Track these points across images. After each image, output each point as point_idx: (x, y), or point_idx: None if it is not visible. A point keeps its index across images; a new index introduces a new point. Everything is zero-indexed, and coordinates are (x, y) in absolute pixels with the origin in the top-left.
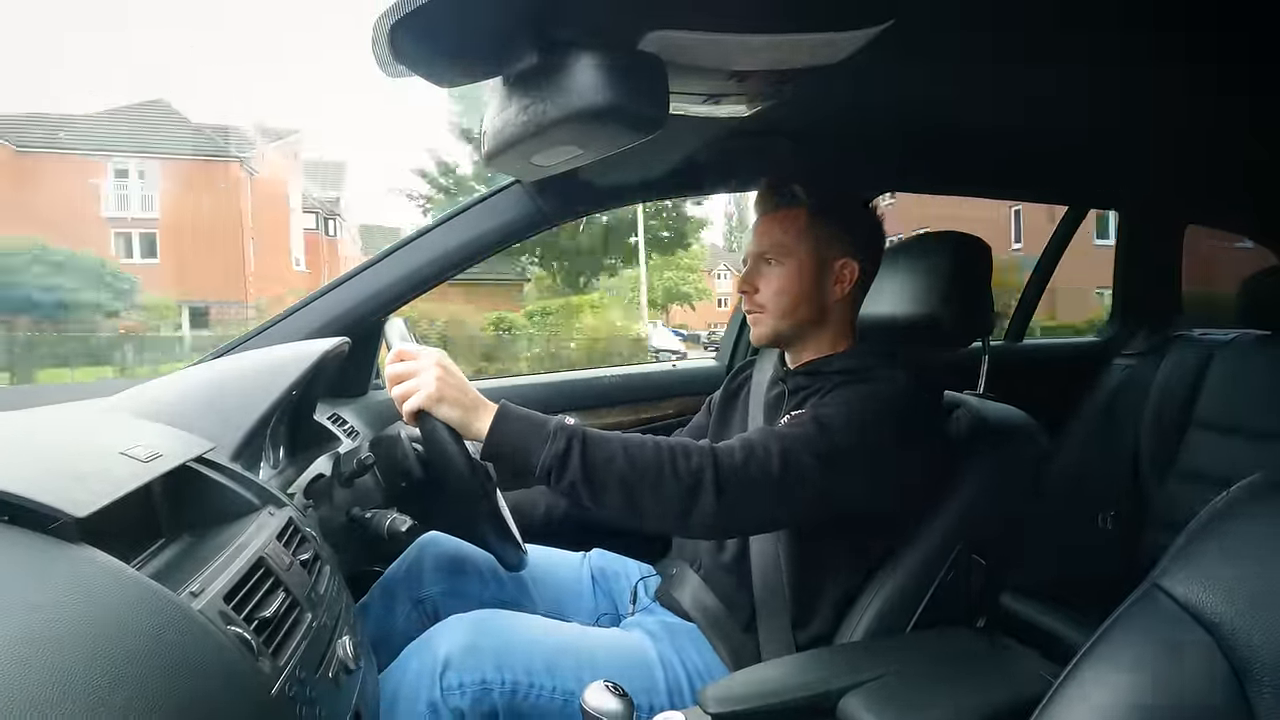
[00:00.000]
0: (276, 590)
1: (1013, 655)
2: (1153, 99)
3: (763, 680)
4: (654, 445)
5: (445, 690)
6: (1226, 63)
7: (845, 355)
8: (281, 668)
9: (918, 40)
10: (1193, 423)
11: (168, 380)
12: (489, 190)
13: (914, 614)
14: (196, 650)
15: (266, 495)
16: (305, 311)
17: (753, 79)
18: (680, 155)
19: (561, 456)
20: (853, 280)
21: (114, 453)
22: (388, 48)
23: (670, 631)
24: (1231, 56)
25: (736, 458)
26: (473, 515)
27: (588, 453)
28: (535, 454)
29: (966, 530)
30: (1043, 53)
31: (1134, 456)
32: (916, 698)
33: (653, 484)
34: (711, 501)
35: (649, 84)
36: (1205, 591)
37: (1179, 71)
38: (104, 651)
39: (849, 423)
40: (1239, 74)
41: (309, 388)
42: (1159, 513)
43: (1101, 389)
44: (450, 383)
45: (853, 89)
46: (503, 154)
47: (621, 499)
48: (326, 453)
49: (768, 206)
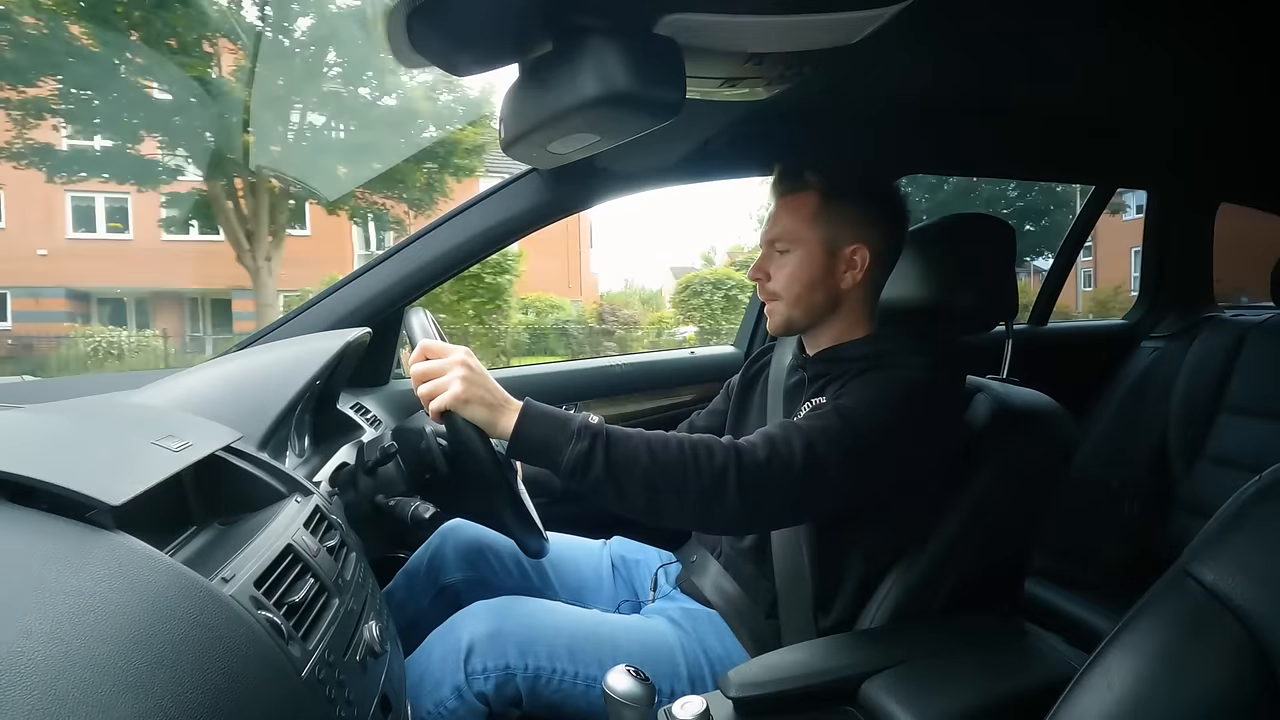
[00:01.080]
0: (305, 576)
1: (1036, 641)
2: (1184, 73)
3: (784, 665)
4: (677, 444)
5: (470, 675)
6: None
7: (865, 341)
8: (311, 651)
9: (938, 19)
10: (1224, 406)
11: (195, 372)
12: (506, 179)
13: (936, 599)
14: (230, 634)
15: (293, 483)
16: (327, 303)
17: (770, 61)
18: (699, 140)
19: (585, 455)
20: (865, 266)
21: (146, 443)
22: (405, 38)
23: (691, 618)
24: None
25: (759, 455)
26: (495, 503)
27: (611, 451)
28: (559, 452)
29: (990, 515)
30: (1066, 28)
31: (1162, 440)
32: (938, 683)
33: (676, 483)
34: (735, 501)
35: (665, 68)
36: (1236, 578)
37: (1211, 43)
38: (142, 635)
39: (871, 412)
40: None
41: (332, 377)
42: (1186, 498)
43: (1129, 372)
44: (476, 382)
45: (872, 69)
46: (520, 142)
47: (644, 498)
48: (350, 441)
49: (779, 191)
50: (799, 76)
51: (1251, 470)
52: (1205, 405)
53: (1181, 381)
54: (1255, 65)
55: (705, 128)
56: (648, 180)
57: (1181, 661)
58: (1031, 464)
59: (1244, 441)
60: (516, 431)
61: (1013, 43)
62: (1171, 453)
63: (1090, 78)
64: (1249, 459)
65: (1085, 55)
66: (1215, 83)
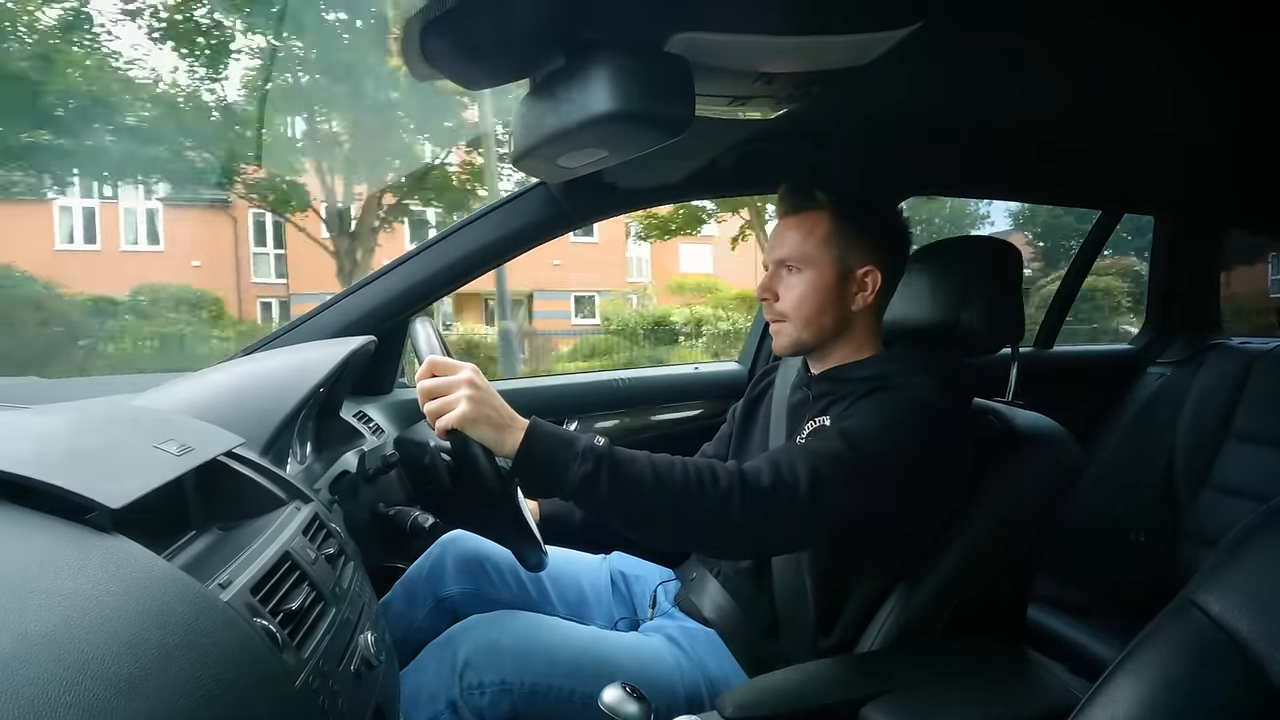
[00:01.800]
0: (302, 584)
1: (1039, 668)
2: (1189, 99)
3: (782, 687)
4: (682, 469)
5: (465, 689)
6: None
7: (871, 362)
8: (305, 660)
9: (948, 42)
10: (1230, 434)
11: (200, 377)
12: (514, 191)
13: (939, 624)
14: (225, 641)
15: (293, 490)
16: (333, 310)
17: (780, 81)
18: (706, 157)
19: (590, 478)
20: (875, 288)
21: (147, 446)
22: (418, 50)
23: (689, 636)
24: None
25: (764, 482)
26: (495, 516)
27: (616, 475)
28: (564, 474)
29: (993, 540)
30: (1075, 53)
31: (1168, 467)
32: (938, 710)
33: (679, 509)
34: (737, 528)
35: (675, 86)
36: (1242, 608)
37: (1218, 69)
38: (138, 639)
39: (876, 435)
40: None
41: (336, 385)
42: (1193, 526)
43: (1135, 398)
44: (483, 401)
45: (881, 91)
46: (530, 156)
47: (647, 522)
48: (352, 449)
49: (787, 209)
50: (808, 96)
51: (1258, 499)
52: (1212, 433)
53: (1188, 409)
54: (1261, 89)
55: (714, 145)
56: (655, 196)
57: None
58: (1035, 488)
59: (1251, 470)
60: (522, 452)
61: (1019, 65)
62: (1178, 480)
63: (1096, 101)
64: (1256, 488)
65: (1090, 78)
66: (1220, 108)
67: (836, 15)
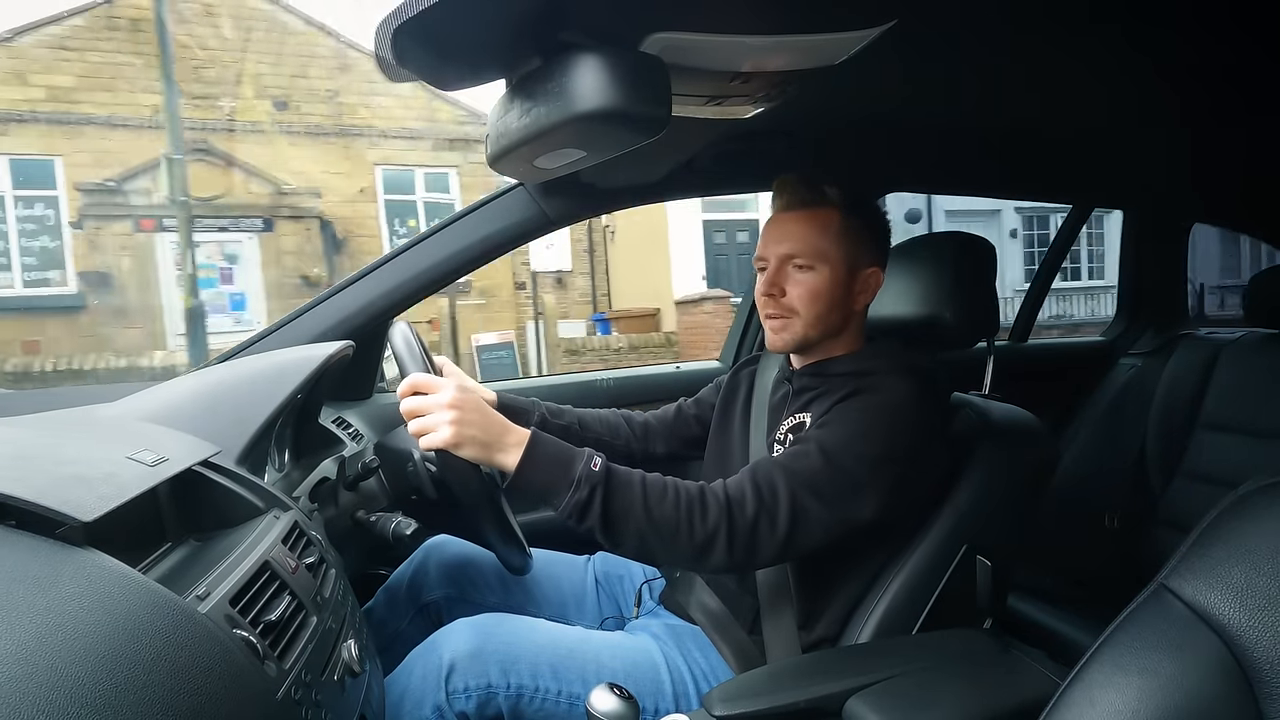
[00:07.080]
0: (282, 594)
1: (1019, 657)
2: (1160, 97)
3: (768, 682)
4: (674, 501)
5: (451, 694)
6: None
7: (852, 357)
8: (287, 671)
9: (920, 40)
10: (1199, 423)
11: (173, 384)
12: (492, 193)
13: (920, 616)
14: (203, 654)
15: (271, 499)
16: (310, 315)
17: (756, 80)
18: (684, 156)
19: (583, 505)
20: (876, 289)
21: (120, 457)
22: (391, 52)
23: (675, 634)
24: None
25: (748, 513)
26: (479, 520)
27: (608, 504)
28: (559, 498)
29: (972, 531)
30: (1046, 51)
31: (1140, 456)
32: (922, 700)
33: (668, 539)
34: (724, 556)
35: (651, 86)
36: (1215, 593)
37: (1185, 67)
38: (112, 655)
39: (855, 440)
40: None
41: (314, 391)
42: (1165, 513)
43: (1107, 388)
44: (469, 422)
45: (856, 89)
46: (506, 157)
47: (637, 548)
48: (331, 456)
49: (793, 203)
50: (784, 95)
51: (1228, 485)
52: (1182, 422)
53: (1158, 398)
54: (1225, 87)
55: (691, 144)
56: (634, 196)
57: (1162, 677)
58: (1013, 479)
59: (1220, 457)
60: (518, 474)
61: (989, 64)
62: (1150, 468)
63: (1066, 99)
64: (1225, 474)
65: (1062, 77)
66: (1187, 106)
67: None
